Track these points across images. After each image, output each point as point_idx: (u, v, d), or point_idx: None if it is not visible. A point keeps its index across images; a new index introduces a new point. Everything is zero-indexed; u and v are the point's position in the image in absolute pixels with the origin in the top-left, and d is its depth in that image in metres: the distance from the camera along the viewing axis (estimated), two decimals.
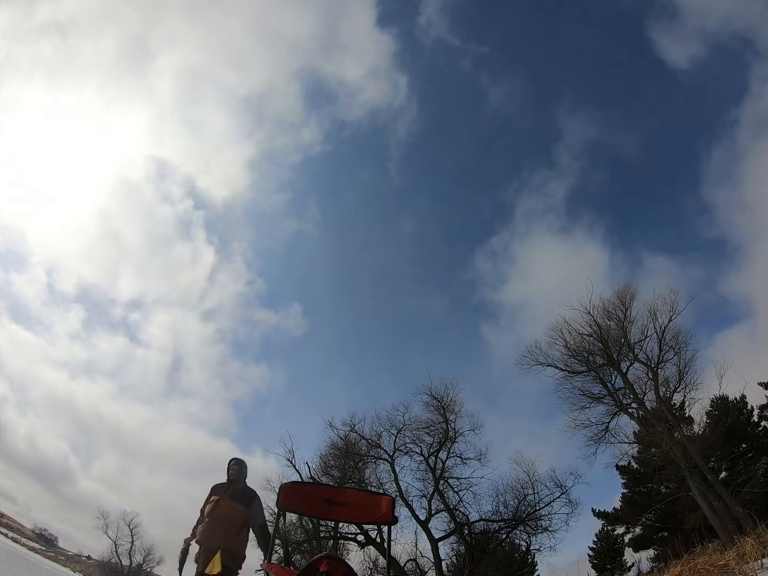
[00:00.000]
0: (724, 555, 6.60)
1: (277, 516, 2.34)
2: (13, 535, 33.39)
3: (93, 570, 32.20)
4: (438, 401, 17.68)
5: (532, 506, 15.86)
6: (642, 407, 15.58)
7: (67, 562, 32.48)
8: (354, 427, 17.77)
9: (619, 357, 16.25)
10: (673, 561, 8.22)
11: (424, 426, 17.49)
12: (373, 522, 3.01)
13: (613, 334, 16.47)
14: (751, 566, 5.76)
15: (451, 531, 15.92)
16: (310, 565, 1.94)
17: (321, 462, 17.82)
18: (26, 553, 23.25)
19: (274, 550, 2.14)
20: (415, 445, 17.45)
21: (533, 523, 15.81)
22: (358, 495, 2.54)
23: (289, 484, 2.39)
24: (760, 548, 6.22)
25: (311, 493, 2.48)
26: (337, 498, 2.42)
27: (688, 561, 6.98)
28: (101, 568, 31.32)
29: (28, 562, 15.20)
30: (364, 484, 16.87)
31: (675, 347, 15.39)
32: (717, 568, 6.12)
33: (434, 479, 16.61)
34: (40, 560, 23.11)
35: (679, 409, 16.68)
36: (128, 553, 30.08)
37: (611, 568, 20.34)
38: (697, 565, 6.60)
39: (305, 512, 2.93)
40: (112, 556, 30.07)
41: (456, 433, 17.29)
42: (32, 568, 12.10)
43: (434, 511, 16.32)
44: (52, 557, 31.62)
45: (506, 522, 15.96)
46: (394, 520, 2.34)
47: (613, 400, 16.23)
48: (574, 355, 16.85)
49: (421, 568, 16.32)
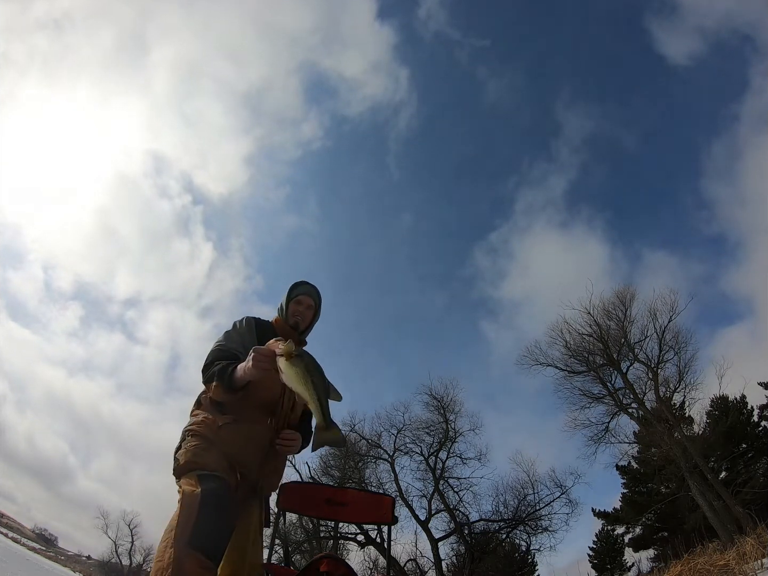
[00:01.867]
0: (724, 555, 6.60)
1: (277, 516, 2.34)
2: (13, 535, 33.40)
3: (93, 570, 32.23)
4: (438, 401, 17.73)
5: (532, 506, 15.89)
6: (642, 407, 15.60)
7: (67, 562, 32.49)
8: (354, 426, 17.79)
9: (619, 357, 16.27)
10: (673, 561, 8.22)
11: (424, 426, 17.54)
12: (373, 522, 3.00)
13: (613, 334, 16.50)
14: (751, 566, 5.76)
15: (451, 531, 15.93)
16: (310, 565, 1.95)
17: (321, 462, 17.87)
18: (26, 553, 23.26)
19: (274, 550, 2.14)
20: (415, 445, 17.51)
21: (533, 523, 15.84)
22: (358, 495, 2.55)
23: (289, 484, 2.39)
24: (760, 548, 6.23)
25: (311, 493, 2.48)
26: (337, 498, 2.42)
27: (688, 561, 6.98)
28: (101, 568, 31.36)
29: (28, 562, 15.21)
30: (364, 484, 16.88)
31: (675, 347, 15.43)
32: (717, 568, 6.12)
33: (434, 479, 16.63)
34: (40, 560, 23.13)
35: (679, 409, 16.69)
36: (128, 553, 30.18)
37: (611, 568, 20.34)
38: (697, 565, 6.60)
39: (305, 512, 2.94)
40: (112, 556, 30.19)
41: (456, 433, 17.34)
42: (32, 568, 12.11)
43: (434, 511, 16.36)
44: (52, 557, 31.62)
45: (506, 522, 15.98)
46: (394, 520, 2.34)
47: (613, 400, 16.26)
48: (574, 355, 16.89)
49: (421, 568, 16.33)
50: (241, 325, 2.09)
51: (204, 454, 1.75)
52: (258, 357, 1.66)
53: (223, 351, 1.95)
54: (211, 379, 1.83)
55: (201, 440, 1.79)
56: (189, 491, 1.59)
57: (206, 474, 1.66)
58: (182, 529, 1.49)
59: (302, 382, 1.60)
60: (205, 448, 1.76)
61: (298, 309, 2.20)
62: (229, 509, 1.63)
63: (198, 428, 1.83)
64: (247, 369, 1.69)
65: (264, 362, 1.65)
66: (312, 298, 2.25)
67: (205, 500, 1.55)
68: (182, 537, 1.47)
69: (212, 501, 1.56)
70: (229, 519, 1.61)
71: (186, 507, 1.55)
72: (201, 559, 1.44)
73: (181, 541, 1.46)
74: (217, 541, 1.53)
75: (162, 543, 1.52)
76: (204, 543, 1.47)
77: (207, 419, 1.84)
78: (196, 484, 1.61)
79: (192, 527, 1.48)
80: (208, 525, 1.51)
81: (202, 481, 1.61)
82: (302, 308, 2.20)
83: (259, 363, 1.66)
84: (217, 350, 1.96)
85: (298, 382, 1.60)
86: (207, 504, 1.54)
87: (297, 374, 1.60)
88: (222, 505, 1.58)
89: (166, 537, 1.51)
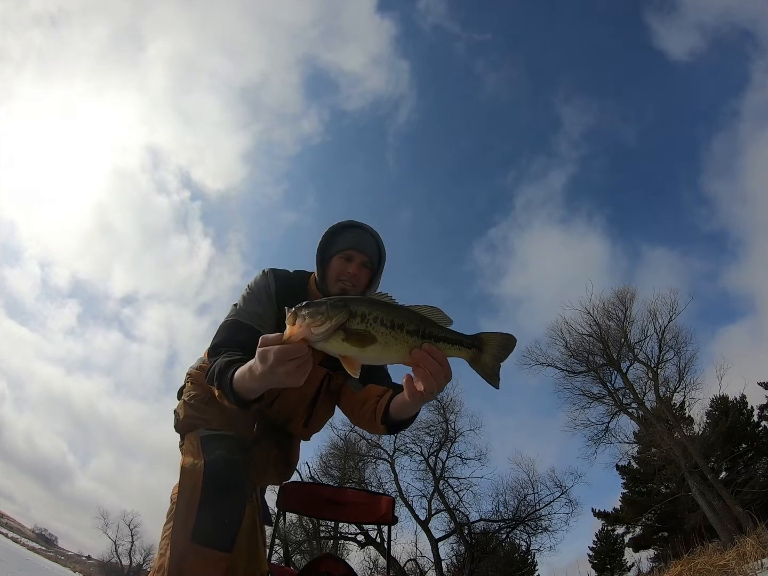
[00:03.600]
0: (724, 555, 6.60)
1: (277, 516, 2.33)
2: (13, 535, 33.36)
3: (93, 570, 32.22)
4: (438, 401, 17.70)
5: (532, 506, 15.91)
6: (642, 407, 15.61)
7: (67, 562, 32.47)
8: (354, 426, 17.76)
9: (619, 357, 16.28)
10: (673, 561, 8.22)
11: (424, 426, 17.54)
12: (373, 522, 3.00)
13: (613, 334, 16.53)
14: (751, 566, 5.76)
15: (451, 531, 15.94)
16: (310, 565, 1.95)
17: (321, 462, 17.90)
18: (26, 553, 23.26)
19: (274, 550, 2.14)
20: (415, 445, 17.52)
21: (533, 523, 15.85)
22: (358, 495, 2.54)
23: (289, 484, 2.39)
24: (760, 548, 6.23)
25: (311, 493, 2.47)
26: (337, 498, 2.41)
27: (688, 561, 6.97)
28: (101, 568, 31.34)
29: (28, 562, 15.21)
30: (364, 484, 16.88)
31: (675, 347, 15.48)
32: (717, 568, 6.12)
33: (434, 479, 16.63)
34: (40, 560, 23.12)
35: (679, 409, 16.71)
36: (128, 553, 30.11)
37: (611, 568, 20.34)
38: (697, 565, 6.59)
39: (305, 512, 2.93)
40: (112, 556, 30.12)
41: (456, 433, 17.36)
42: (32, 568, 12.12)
43: (434, 511, 16.38)
44: (52, 557, 31.61)
45: (506, 522, 15.98)
46: (394, 520, 2.33)
47: (613, 400, 16.28)
48: (574, 355, 16.91)
49: (421, 568, 16.33)
50: (251, 290, 1.49)
51: (204, 406, 1.44)
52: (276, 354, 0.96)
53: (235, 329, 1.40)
54: (211, 382, 1.27)
55: (202, 390, 1.45)
56: (189, 465, 1.27)
57: (210, 435, 1.34)
58: (183, 520, 1.21)
59: (382, 344, 0.95)
60: (206, 400, 1.44)
61: (347, 269, 1.45)
62: (240, 480, 1.29)
63: (200, 372, 1.48)
64: (259, 372, 1.03)
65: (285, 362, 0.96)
66: (367, 253, 1.49)
67: (209, 478, 1.23)
68: (183, 530, 1.20)
69: (218, 478, 1.24)
70: (241, 493, 1.28)
71: (186, 489, 1.25)
72: (207, 553, 1.18)
73: (182, 535, 1.20)
74: (228, 527, 1.22)
75: (163, 534, 1.29)
76: (210, 534, 1.19)
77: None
78: (197, 453, 1.29)
79: (195, 517, 1.20)
80: (213, 511, 1.21)
81: (205, 448, 1.29)
82: (353, 267, 1.46)
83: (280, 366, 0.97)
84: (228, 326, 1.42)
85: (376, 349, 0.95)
86: (211, 483, 1.23)
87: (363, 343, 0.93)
88: (231, 479, 1.26)
89: (167, 527, 1.28)
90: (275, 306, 1.44)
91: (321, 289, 1.49)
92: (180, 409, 1.47)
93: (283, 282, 1.50)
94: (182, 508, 1.23)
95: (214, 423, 1.39)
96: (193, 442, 1.35)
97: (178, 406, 1.50)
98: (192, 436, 1.38)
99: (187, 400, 1.47)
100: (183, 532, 1.20)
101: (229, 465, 1.28)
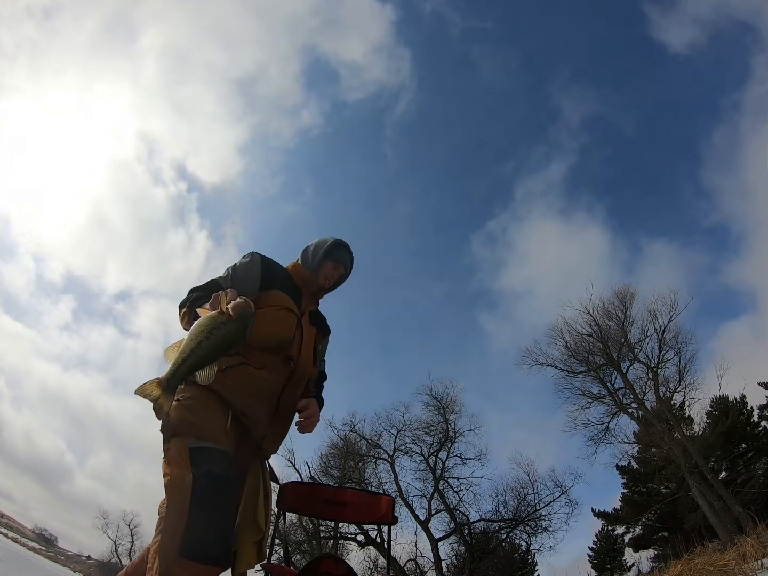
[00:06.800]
0: (724, 555, 6.59)
1: (277, 516, 2.33)
2: (13, 535, 33.38)
3: (93, 570, 32.20)
4: (438, 401, 17.73)
5: (532, 506, 15.89)
6: (642, 407, 15.61)
7: (67, 562, 32.47)
8: (354, 426, 17.78)
9: (619, 357, 16.28)
10: (673, 561, 8.21)
11: (424, 426, 17.54)
12: (373, 522, 3.00)
13: (613, 334, 16.52)
14: (751, 566, 5.75)
15: (451, 531, 15.93)
16: (310, 565, 1.95)
17: (321, 462, 17.88)
18: (26, 553, 23.26)
19: (274, 550, 2.13)
20: (415, 445, 17.51)
21: (533, 523, 15.84)
22: (358, 495, 2.54)
23: (289, 484, 2.39)
24: (760, 548, 6.21)
25: (311, 493, 2.47)
26: (337, 498, 2.41)
27: (688, 561, 6.96)
28: (101, 568, 31.31)
29: (28, 562, 15.21)
30: (364, 484, 16.88)
31: (675, 347, 15.46)
32: (717, 568, 6.11)
33: (434, 479, 16.63)
34: (40, 560, 23.12)
35: (679, 409, 16.70)
36: (128, 553, 30.04)
37: (611, 568, 20.34)
38: (697, 565, 6.58)
39: (305, 512, 2.93)
40: (112, 556, 30.08)
41: (456, 433, 17.33)
42: (32, 568, 12.12)
43: (434, 511, 16.35)
44: (52, 557, 31.61)
45: (506, 522, 15.97)
46: (394, 520, 2.33)
47: (613, 400, 16.27)
48: (574, 355, 16.91)
49: (421, 568, 16.33)
50: (241, 262, 1.78)
51: (200, 410, 1.43)
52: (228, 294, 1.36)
53: (210, 282, 1.69)
54: (182, 307, 1.56)
55: (198, 390, 1.44)
56: (177, 477, 1.29)
57: (200, 447, 1.35)
58: (171, 533, 1.21)
59: (195, 335, 1.28)
60: (203, 402, 1.45)
61: (333, 274, 1.95)
62: (230, 493, 1.34)
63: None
64: (210, 303, 1.38)
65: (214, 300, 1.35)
66: (346, 269, 2.02)
67: (198, 492, 1.25)
68: (171, 544, 1.20)
69: (207, 492, 1.26)
70: (230, 506, 1.34)
71: (175, 502, 1.26)
72: (195, 568, 1.19)
73: (170, 550, 1.19)
74: (218, 541, 1.26)
75: (152, 546, 1.26)
76: (200, 548, 1.20)
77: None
78: (186, 465, 1.30)
79: (183, 530, 1.20)
80: (203, 524, 1.22)
81: (195, 461, 1.31)
82: (336, 275, 1.97)
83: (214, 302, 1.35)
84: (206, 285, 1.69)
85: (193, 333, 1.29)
86: (201, 497, 1.24)
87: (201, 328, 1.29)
88: (220, 494, 1.29)
89: (155, 539, 1.26)
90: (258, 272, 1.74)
91: (311, 273, 1.92)
92: (173, 411, 1.43)
93: (269, 261, 1.84)
94: (171, 522, 1.24)
95: (204, 431, 1.39)
96: (182, 451, 1.35)
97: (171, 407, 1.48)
98: (179, 443, 1.37)
99: (181, 400, 1.44)
100: (171, 546, 1.20)
101: (220, 476, 1.32)
